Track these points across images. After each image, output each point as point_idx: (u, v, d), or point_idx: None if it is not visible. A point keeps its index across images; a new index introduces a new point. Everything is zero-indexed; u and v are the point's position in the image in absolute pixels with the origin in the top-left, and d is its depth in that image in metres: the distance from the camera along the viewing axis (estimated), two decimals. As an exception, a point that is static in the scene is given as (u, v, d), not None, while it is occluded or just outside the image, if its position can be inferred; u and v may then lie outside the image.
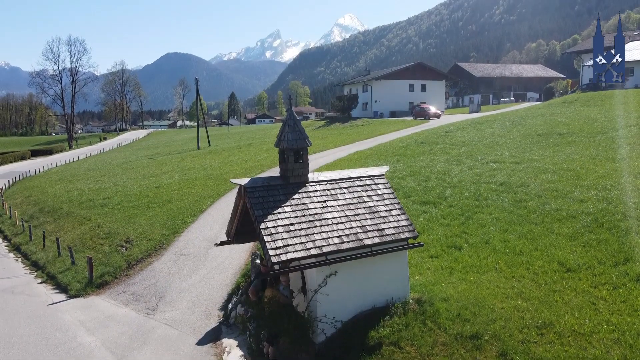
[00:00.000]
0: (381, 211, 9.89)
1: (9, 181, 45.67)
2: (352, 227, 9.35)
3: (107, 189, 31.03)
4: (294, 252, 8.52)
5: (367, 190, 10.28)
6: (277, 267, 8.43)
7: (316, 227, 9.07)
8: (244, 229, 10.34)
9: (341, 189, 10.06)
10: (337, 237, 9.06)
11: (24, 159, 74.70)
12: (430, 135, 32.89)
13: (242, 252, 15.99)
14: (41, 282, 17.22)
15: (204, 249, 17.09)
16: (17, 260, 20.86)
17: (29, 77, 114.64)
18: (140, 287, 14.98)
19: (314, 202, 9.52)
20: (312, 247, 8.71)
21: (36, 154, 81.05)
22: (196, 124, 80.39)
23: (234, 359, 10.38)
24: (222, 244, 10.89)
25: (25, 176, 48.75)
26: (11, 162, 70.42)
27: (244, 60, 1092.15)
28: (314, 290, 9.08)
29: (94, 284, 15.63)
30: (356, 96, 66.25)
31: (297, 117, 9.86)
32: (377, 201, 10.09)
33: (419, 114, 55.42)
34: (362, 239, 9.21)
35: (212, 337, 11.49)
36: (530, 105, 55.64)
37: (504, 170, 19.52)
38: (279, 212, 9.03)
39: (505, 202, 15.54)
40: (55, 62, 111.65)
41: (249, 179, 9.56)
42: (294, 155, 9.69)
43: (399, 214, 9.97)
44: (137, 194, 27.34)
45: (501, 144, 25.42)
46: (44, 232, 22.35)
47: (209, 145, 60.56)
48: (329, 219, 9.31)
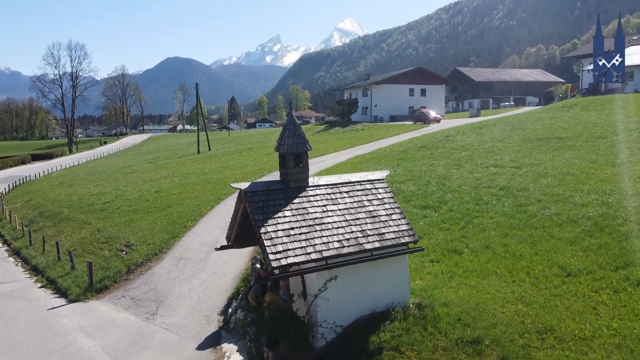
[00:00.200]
0: (381, 215, 9.88)
1: (9, 185, 45.66)
2: (353, 232, 9.34)
3: (107, 193, 31.02)
4: (294, 256, 8.51)
5: (368, 194, 10.28)
6: (277, 271, 8.42)
7: (316, 231, 9.07)
8: (244, 233, 10.34)
9: (341, 193, 10.06)
10: (338, 241, 9.05)
11: (24, 163, 74.67)
12: (430, 139, 32.91)
13: (242, 256, 15.97)
14: (41, 287, 17.18)
15: (204, 253, 17.07)
16: (16, 264, 20.82)
17: (30, 82, 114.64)
18: (140, 292, 14.95)
19: (314, 206, 9.52)
20: (312, 252, 8.70)
21: (36, 158, 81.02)
22: (196, 128, 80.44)
23: (234, 364, 10.35)
24: (222, 248, 10.88)
25: (25, 180, 48.75)
26: (11, 166, 70.41)
27: (244, 64, 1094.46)
28: (314, 294, 9.07)
29: (94, 289, 15.59)
30: (356, 100, 66.35)
31: (297, 122, 9.88)
32: (378, 205, 10.08)
33: (419, 118, 55.48)
34: (362, 244, 9.20)
35: (212, 341, 11.46)
36: (530, 109, 55.70)
37: (504, 174, 19.52)
38: (279, 217, 9.02)
39: (505, 207, 15.53)
40: (55, 67, 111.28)
41: (249, 183, 9.56)
42: (294, 159, 9.69)
43: (399, 219, 9.97)
44: (137, 198, 27.34)
45: (501, 149, 25.43)
46: (43, 236, 22.32)
47: (209, 149, 60.59)
48: (329, 223, 9.30)
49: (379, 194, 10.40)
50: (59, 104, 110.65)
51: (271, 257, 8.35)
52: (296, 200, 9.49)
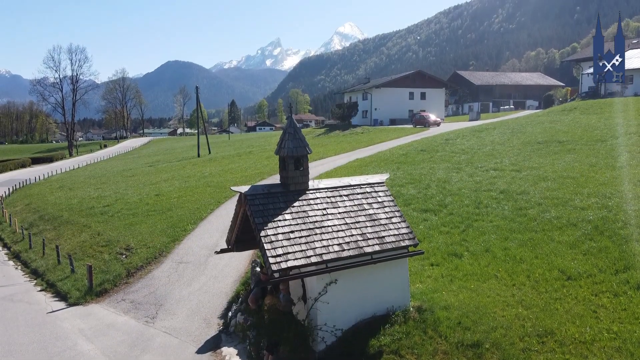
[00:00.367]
0: (381, 219, 9.89)
1: (9, 189, 45.65)
2: (353, 235, 9.35)
3: (107, 196, 31.02)
4: (294, 259, 8.51)
5: (368, 197, 10.29)
6: (277, 275, 8.42)
7: (316, 234, 9.07)
8: (244, 236, 10.33)
9: (341, 196, 10.07)
10: (338, 244, 9.05)
11: (24, 166, 74.72)
12: (430, 143, 32.94)
13: (242, 260, 15.97)
14: (41, 290, 17.17)
15: (204, 256, 17.06)
16: (16, 268, 20.82)
17: (30, 85, 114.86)
18: (139, 295, 14.94)
19: (314, 209, 9.53)
20: (312, 255, 8.70)
21: (36, 161, 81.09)
22: (196, 131, 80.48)
23: (234, 368, 10.33)
24: (222, 251, 10.88)
25: (25, 184, 48.75)
26: (11, 169, 70.45)
27: (244, 68, 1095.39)
28: (314, 298, 9.06)
29: (94, 292, 15.58)
30: (356, 104, 66.42)
31: (298, 125, 9.90)
32: (378, 209, 10.09)
33: (419, 121, 55.51)
34: (362, 247, 9.20)
35: (211, 345, 11.44)
36: (529, 113, 55.76)
37: (504, 178, 19.53)
38: (279, 220, 9.03)
39: (505, 210, 15.54)
40: (56, 70, 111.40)
41: (250, 186, 9.57)
42: (294, 162, 9.71)
43: (400, 222, 9.97)
44: (137, 202, 27.34)
45: (501, 152, 25.46)
46: (43, 239, 22.32)
47: (209, 152, 60.64)
48: (329, 226, 9.31)
49: (379, 197, 10.40)
50: (59, 107, 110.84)
51: (271, 260, 8.35)
52: (296, 203, 9.50)
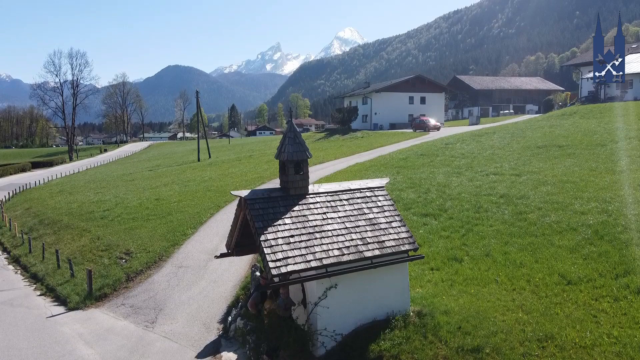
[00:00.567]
0: (381, 223, 9.88)
1: (9, 193, 45.68)
2: (353, 239, 9.34)
3: (107, 201, 31.02)
4: (294, 264, 8.51)
5: (367, 202, 10.29)
6: (277, 279, 8.41)
7: (316, 239, 9.07)
8: (244, 241, 10.33)
9: (341, 200, 10.08)
10: (338, 249, 9.05)
11: (24, 170, 74.71)
12: (430, 147, 32.97)
13: (242, 264, 15.95)
14: (40, 295, 17.15)
15: (204, 261, 17.05)
16: (16, 272, 20.80)
17: (30, 90, 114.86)
18: (139, 300, 14.92)
19: (314, 214, 9.53)
20: (312, 260, 8.70)
21: (36, 165, 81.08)
22: (197, 135, 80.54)
23: (234, 373, 10.31)
24: (222, 256, 10.87)
25: (25, 188, 48.77)
26: (11, 174, 70.47)
27: (244, 72, 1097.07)
28: (314, 302, 9.05)
29: (93, 297, 15.56)
30: (356, 108, 66.49)
31: (298, 129, 9.91)
32: (378, 213, 10.09)
33: (419, 126, 55.57)
34: (362, 251, 9.20)
35: (211, 350, 11.42)
36: (529, 117, 55.82)
37: (504, 182, 19.54)
38: (279, 224, 9.03)
39: (505, 214, 15.54)
40: (56, 75, 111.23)
41: (250, 190, 9.58)
42: (294, 167, 9.72)
43: (399, 226, 9.97)
44: (137, 206, 27.34)
45: (501, 156, 25.47)
46: (43, 244, 22.31)
47: (209, 157, 60.65)
48: (329, 230, 9.31)
49: (379, 201, 10.41)
50: (60, 111, 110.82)
51: (271, 264, 8.35)
52: (296, 207, 9.50)
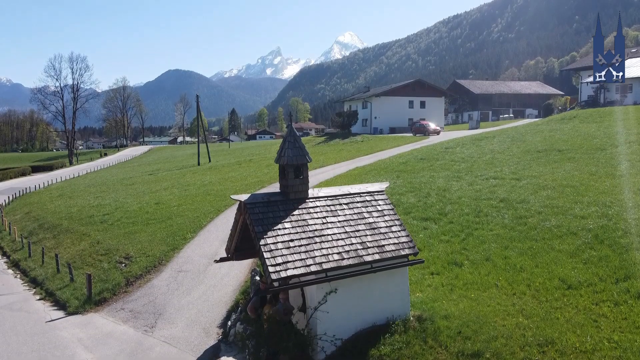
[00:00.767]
0: (381, 227, 9.87)
1: (9, 197, 45.65)
2: (352, 244, 9.33)
3: (107, 205, 31.00)
4: (293, 268, 8.49)
5: (367, 206, 10.28)
6: (276, 284, 8.39)
7: (316, 243, 9.06)
8: (243, 245, 10.31)
9: (341, 205, 10.07)
10: (337, 253, 9.04)
11: (24, 174, 74.74)
12: (430, 151, 32.98)
13: (241, 268, 15.93)
14: (40, 299, 17.12)
15: (204, 265, 17.02)
16: (15, 276, 20.76)
17: (31, 94, 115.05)
18: (139, 304, 14.88)
19: (313, 218, 9.52)
20: (312, 264, 8.68)
21: (36, 170, 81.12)
22: (197, 140, 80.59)
23: (233, 377, 10.27)
24: (222, 260, 10.85)
25: (25, 192, 48.73)
26: (11, 178, 70.47)
27: (244, 77, 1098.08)
28: (314, 307, 9.02)
29: (93, 301, 15.53)
30: (356, 112, 66.57)
31: (298, 133, 9.92)
32: (377, 217, 10.08)
33: (419, 130, 55.60)
34: (362, 256, 9.18)
35: (211, 355, 11.38)
36: (529, 121, 55.86)
37: (503, 186, 19.54)
38: (279, 228, 9.02)
39: (505, 219, 15.53)
40: (57, 79, 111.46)
41: (249, 194, 9.57)
42: (294, 171, 9.72)
43: (399, 230, 9.96)
44: (136, 210, 27.31)
45: (501, 160, 25.48)
46: (43, 248, 22.28)
47: (209, 161, 60.66)
48: (328, 235, 9.29)
49: (379, 205, 10.40)
50: (60, 116, 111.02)
51: (271, 269, 8.33)
52: (296, 212, 9.49)
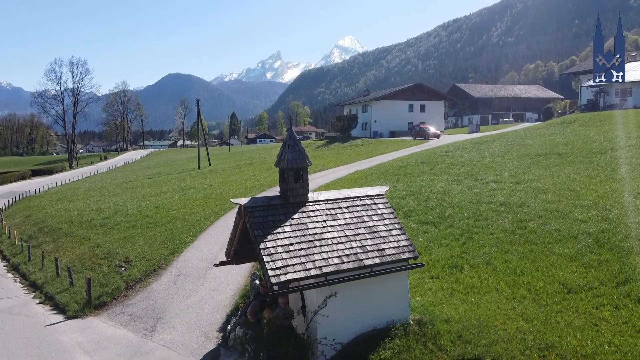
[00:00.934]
0: (381, 231, 9.87)
1: (9, 201, 45.64)
2: (352, 247, 9.32)
3: (107, 208, 30.99)
4: (293, 272, 8.48)
5: (367, 210, 10.28)
6: (276, 287, 8.38)
7: (316, 247, 9.05)
8: (243, 249, 10.31)
9: (341, 208, 10.06)
10: (337, 257, 9.03)
11: (24, 178, 74.70)
12: (429, 155, 32.98)
13: (241, 272, 15.89)
14: (39, 303, 17.08)
15: (203, 269, 16.99)
16: (15, 280, 20.73)
17: (31, 97, 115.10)
18: (138, 308, 14.85)
19: (313, 221, 9.51)
20: (311, 268, 8.67)
21: (36, 173, 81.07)
22: (197, 143, 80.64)
23: (233, 382, 10.23)
24: (222, 264, 10.84)
25: (25, 196, 48.74)
26: (11, 181, 70.47)
27: (244, 81, 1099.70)
28: (314, 311, 9.01)
29: (92, 305, 15.49)
30: (356, 116, 66.62)
31: (297, 137, 9.93)
32: (377, 221, 10.07)
33: (419, 134, 55.64)
34: (362, 260, 9.17)
35: (210, 359, 11.34)
36: (529, 125, 55.91)
37: (503, 190, 19.53)
38: (279, 232, 9.01)
39: (505, 222, 15.51)
40: (57, 83, 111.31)
41: (249, 198, 9.57)
42: (294, 174, 9.72)
43: (399, 234, 9.95)
44: (136, 214, 27.29)
45: (501, 164, 25.48)
46: (42, 252, 22.25)
47: (209, 164, 60.67)
48: (328, 239, 9.29)
49: (379, 209, 10.39)
50: (60, 119, 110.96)
51: (270, 273, 8.32)
52: (296, 215, 9.49)
